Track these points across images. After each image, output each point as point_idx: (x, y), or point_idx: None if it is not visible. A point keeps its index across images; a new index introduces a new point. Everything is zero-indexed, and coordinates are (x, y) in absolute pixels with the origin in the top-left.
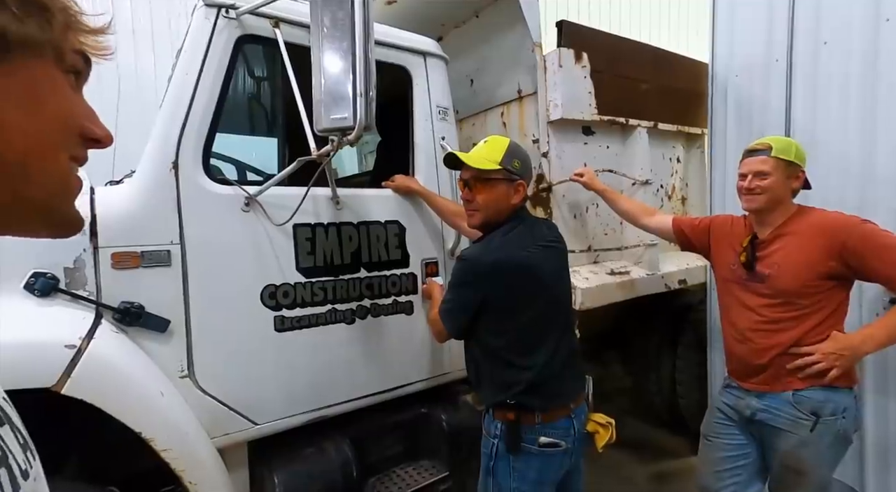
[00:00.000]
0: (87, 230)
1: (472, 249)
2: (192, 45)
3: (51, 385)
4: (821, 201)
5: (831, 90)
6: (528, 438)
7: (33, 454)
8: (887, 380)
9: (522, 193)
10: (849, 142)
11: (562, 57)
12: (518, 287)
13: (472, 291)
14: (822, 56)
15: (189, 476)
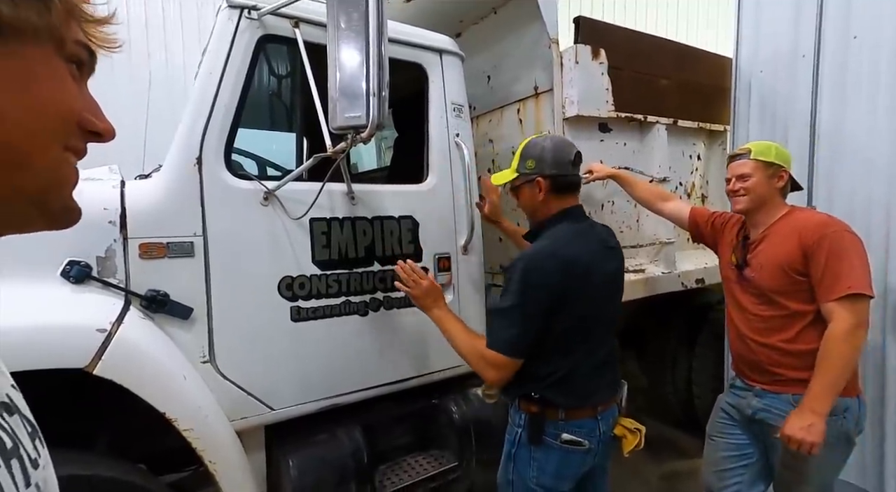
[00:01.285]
0: (117, 222)
1: (524, 254)
2: (216, 45)
3: (84, 366)
4: (847, 200)
5: (860, 87)
6: (550, 432)
7: (41, 442)
8: None
9: (542, 188)
10: (878, 139)
11: (578, 53)
12: (567, 284)
13: (542, 293)
14: (851, 50)
15: (209, 455)
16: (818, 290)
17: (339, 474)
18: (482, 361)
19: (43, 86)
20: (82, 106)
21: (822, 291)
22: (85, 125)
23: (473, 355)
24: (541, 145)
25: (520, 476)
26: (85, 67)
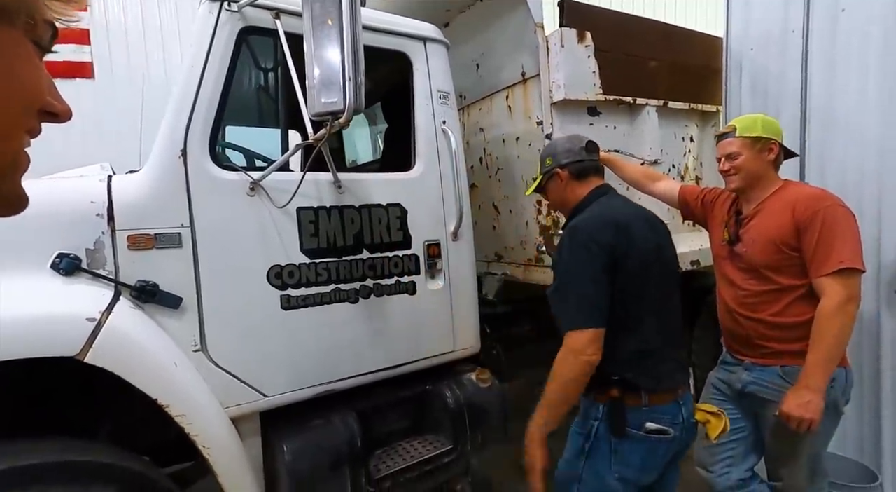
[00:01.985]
0: (104, 214)
1: (572, 222)
2: (197, 38)
3: (74, 354)
4: (839, 173)
5: (850, 60)
6: (633, 421)
7: None
8: None
9: (563, 177)
10: (868, 111)
11: (564, 37)
12: (617, 240)
13: (595, 249)
14: (840, 24)
15: (203, 441)
16: (810, 265)
17: (334, 459)
18: (571, 354)
19: (17, 68)
20: (45, 87)
21: (815, 267)
22: (45, 107)
23: (564, 364)
24: (553, 143)
25: (594, 472)
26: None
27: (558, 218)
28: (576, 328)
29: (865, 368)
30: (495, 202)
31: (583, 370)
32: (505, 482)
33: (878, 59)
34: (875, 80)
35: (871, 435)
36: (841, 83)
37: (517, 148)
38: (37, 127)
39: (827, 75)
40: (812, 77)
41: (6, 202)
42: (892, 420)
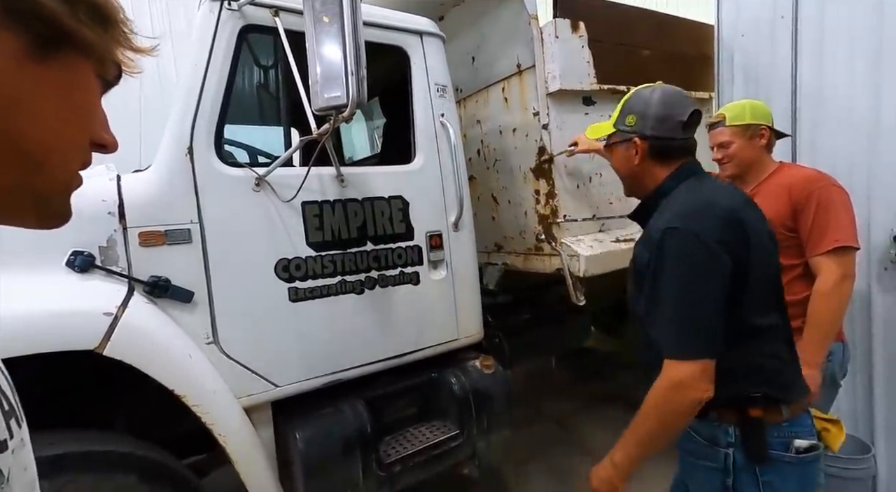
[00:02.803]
0: (116, 213)
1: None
2: (199, 38)
3: (94, 347)
4: (830, 155)
5: (838, 43)
6: (775, 442)
7: (18, 422)
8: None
9: (638, 151)
10: (857, 94)
11: (558, 28)
12: (740, 237)
13: (717, 254)
14: (828, 9)
15: (219, 429)
16: (807, 244)
17: (344, 446)
18: (677, 389)
19: (81, 99)
20: (100, 120)
21: (811, 246)
22: (96, 139)
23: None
24: (647, 99)
25: None
26: (108, 86)
27: (556, 206)
28: (684, 359)
29: (858, 343)
30: (494, 193)
31: (690, 409)
32: (510, 465)
33: (865, 43)
34: (863, 63)
35: (864, 409)
36: (830, 67)
37: (514, 139)
38: (89, 158)
39: (816, 60)
40: (802, 62)
41: (55, 217)
42: (883, 394)
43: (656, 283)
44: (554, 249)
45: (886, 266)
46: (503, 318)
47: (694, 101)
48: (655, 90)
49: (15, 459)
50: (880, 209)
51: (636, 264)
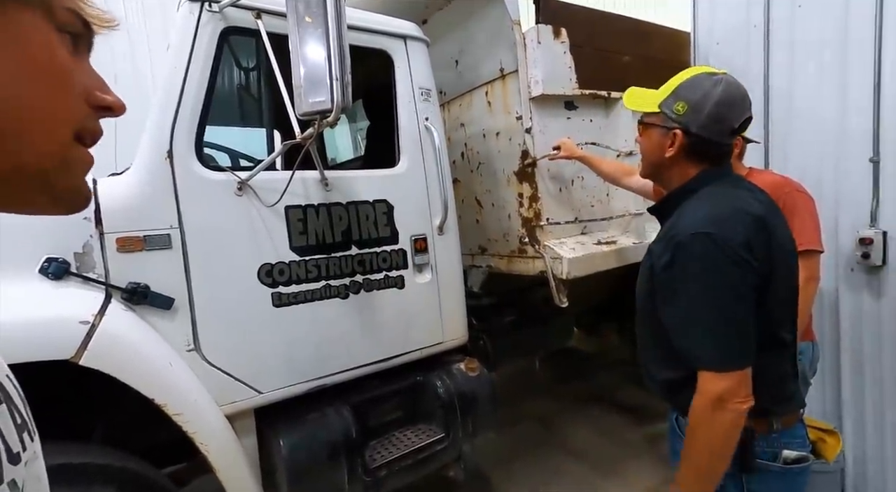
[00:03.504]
0: (92, 218)
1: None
2: (179, 39)
3: (70, 357)
4: (801, 156)
5: (807, 52)
6: (763, 452)
7: (31, 434)
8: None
9: (676, 144)
10: (824, 101)
11: (540, 33)
12: (769, 246)
13: (745, 261)
14: (797, 18)
15: (201, 438)
16: None
17: (329, 452)
18: (717, 405)
19: (38, 55)
20: (87, 81)
21: None
22: (93, 101)
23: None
24: (707, 91)
25: None
26: (82, 41)
27: (540, 209)
28: (723, 370)
29: (827, 341)
30: (478, 196)
31: (735, 423)
32: (496, 467)
33: (833, 51)
34: (830, 70)
35: (832, 403)
36: (800, 74)
37: (498, 143)
38: (91, 125)
39: (787, 67)
40: (773, 69)
41: (68, 198)
42: (850, 389)
43: (681, 288)
44: (537, 251)
45: (853, 267)
46: (487, 320)
47: (751, 104)
48: (720, 83)
49: (28, 471)
50: (847, 212)
51: (653, 263)
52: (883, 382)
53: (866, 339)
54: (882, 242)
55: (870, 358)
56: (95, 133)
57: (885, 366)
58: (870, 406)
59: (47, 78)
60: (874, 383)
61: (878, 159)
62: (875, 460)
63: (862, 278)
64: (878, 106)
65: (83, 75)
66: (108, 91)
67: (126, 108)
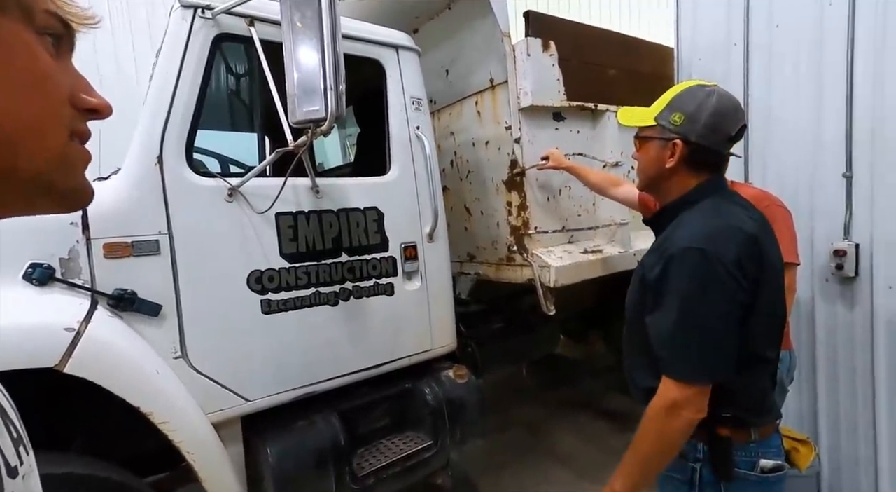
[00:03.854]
0: (79, 223)
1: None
2: (170, 46)
3: (54, 364)
4: (778, 168)
5: (784, 69)
6: (742, 461)
7: (26, 449)
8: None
9: (676, 155)
10: (800, 117)
11: (530, 46)
12: (760, 264)
13: (734, 280)
14: (775, 38)
15: (187, 447)
16: None
17: (317, 460)
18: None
19: (19, 60)
20: (71, 83)
21: None
22: (78, 103)
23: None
24: (701, 101)
25: None
26: (63, 42)
27: (528, 218)
28: (684, 381)
29: (804, 349)
30: (467, 204)
31: (684, 431)
32: (483, 474)
33: (808, 70)
34: (806, 88)
35: (808, 409)
36: (777, 91)
37: (487, 151)
38: (81, 127)
39: (765, 84)
40: (752, 85)
41: (69, 198)
42: (826, 395)
43: (667, 299)
44: (525, 259)
45: (828, 278)
46: (476, 327)
47: (744, 114)
48: (713, 94)
49: (25, 484)
50: (822, 225)
51: (645, 275)
52: (856, 390)
53: (840, 348)
54: (855, 254)
55: (844, 367)
56: (83, 134)
57: (857, 374)
58: (843, 414)
59: (32, 84)
60: (848, 392)
61: (850, 174)
62: (849, 466)
63: (836, 289)
64: (851, 124)
65: (66, 77)
66: (93, 93)
67: (112, 109)
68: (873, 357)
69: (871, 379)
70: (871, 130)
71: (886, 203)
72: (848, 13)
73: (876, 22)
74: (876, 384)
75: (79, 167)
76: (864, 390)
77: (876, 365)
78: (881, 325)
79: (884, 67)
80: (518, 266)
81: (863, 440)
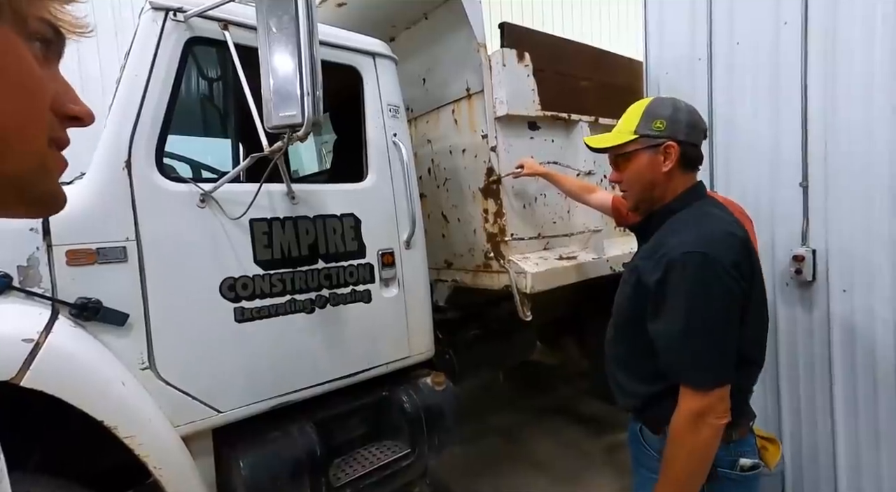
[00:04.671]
0: (39, 229)
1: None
2: (140, 48)
3: (10, 378)
4: (741, 179)
5: (745, 84)
6: (723, 460)
7: None
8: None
9: (673, 157)
10: (760, 128)
11: (505, 57)
12: (753, 269)
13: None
14: (736, 54)
15: (154, 462)
16: None
17: (292, 471)
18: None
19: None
20: (55, 89)
21: None
22: (61, 110)
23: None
24: (673, 105)
25: None
26: (52, 48)
27: (504, 225)
28: (704, 388)
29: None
30: (444, 211)
31: (714, 438)
32: (460, 482)
33: (767, 84)
34: (764, 101)
35: (772, 410)
36: (739, 104)
37: (464, 159)
38: (61, 134)
39: (728, 97)
40: (716, 98)
41: (41, 203)
42: (787, 396)
43: (671, 304)
44: (502, 266)
45: (787, 282)
46: (453, 334)
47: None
48: (675, 99)
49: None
50: (782, 231)
51: (641, 279)
52: (815, 387)
53: (800, 348)
54: (812, 260)
55: (804, 369)
56: (62, 142)
57: (816, 373)
58: (804, 411)
59: (17, 87)
60: (807, 389)
61: (806, 184)
62: (810, 465)
63: (795, 293)
64: (806, 136)
65: (52, 83)
66: (77, 101)
67: (94, 118)
68: (830, 356)
69: (828, 376)
70: (824, 140)
71: (839, 210)
72: (801, 32)
73: (825, 43)
74: (833, 381)
75: (55, 173)
76: (822, 387)
77: (833, 363)
78: (836, 326)
79: (835, 84)
80: (495, 273)
81: (822, 434)
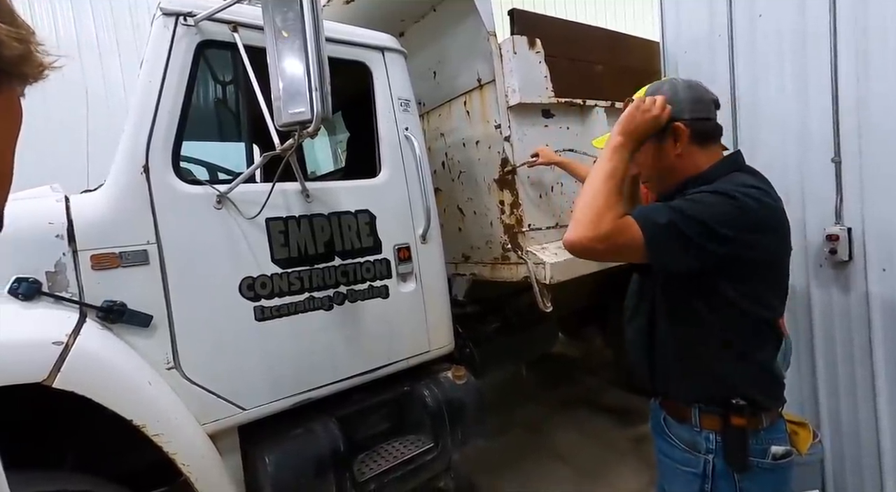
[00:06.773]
0: (65, 235)
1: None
2: (153, 53)
3: (42, 379)
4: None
5: (768, 59)
6: (754, 449)
7: None
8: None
9: (682, 137)
10: (787, 105)
11: (515, 44)
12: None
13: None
14: (758, 27)
15: (182, 459)
16: None
17: (317, 467)
18: (596, 216)
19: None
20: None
21: None
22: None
23: (594, 207)
24: (672, 85)
25: None
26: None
27: (521, 216)
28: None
29: (801, 336)
30: (459, 204)
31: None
32: (485, 476)
33: (792, 56)
34: (790, 74)
35: (809, 397)
36: (763, 80)
37: (478, 151)
38: None
39: (751, 73)
40: (739, 75)
41: None
42: (825, 382)
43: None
44: (520, 257)
45: (821, 263)
46: (473, 328)
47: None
48: (673, 79)
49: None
50: (813, 210)
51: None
52: (855, 373)
53: (838, 333)
54: (847, 239)
55: (842, 351)
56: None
57: (855, 358)
58: (844, 400)
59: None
60: (847, 377)
61: (839, 159)
62: (852, 452)
63: (830, 273)
64: (837, 108)
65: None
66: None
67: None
68: (871, 340)
69: (869, 362)
70: (856, 113)
71: (876, 187)
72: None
73: (855, 10)
74: (875, 367)
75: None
76: (863, 373)
77: (874, 347)
78: (877, 307)
79: (867, 54)
80: (513, 264)
81: (864, 429)
